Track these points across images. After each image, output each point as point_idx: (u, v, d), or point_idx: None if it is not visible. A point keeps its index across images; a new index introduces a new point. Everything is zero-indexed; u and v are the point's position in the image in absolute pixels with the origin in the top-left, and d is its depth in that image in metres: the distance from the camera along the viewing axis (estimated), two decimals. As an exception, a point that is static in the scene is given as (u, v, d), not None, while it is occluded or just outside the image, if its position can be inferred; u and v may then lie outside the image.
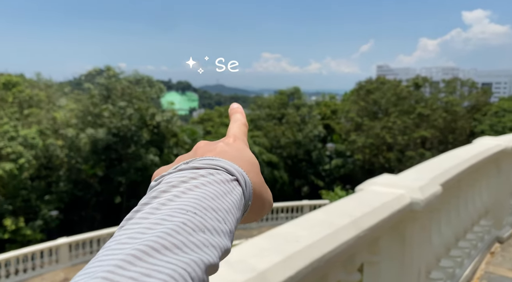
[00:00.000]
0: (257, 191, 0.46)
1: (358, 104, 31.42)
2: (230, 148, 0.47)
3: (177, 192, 0.37)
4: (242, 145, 0.50)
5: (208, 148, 0.47)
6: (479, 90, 33.51)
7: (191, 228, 0.33)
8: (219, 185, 0.39)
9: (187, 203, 0.35)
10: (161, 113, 26.28)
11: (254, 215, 0.48)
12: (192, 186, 0.38)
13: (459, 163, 3.09)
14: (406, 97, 30.62)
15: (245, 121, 0.56)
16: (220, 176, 0.40)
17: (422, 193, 2.15)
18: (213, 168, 0.41)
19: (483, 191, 3.95)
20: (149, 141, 25.52)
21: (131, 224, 0.34)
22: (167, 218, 0.33)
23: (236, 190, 0.40)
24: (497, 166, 4.21)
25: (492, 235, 4.08)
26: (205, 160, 0.42)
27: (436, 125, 29.23)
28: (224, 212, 0.37)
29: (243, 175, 0.43)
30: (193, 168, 0.41)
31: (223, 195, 0.38)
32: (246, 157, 0.47)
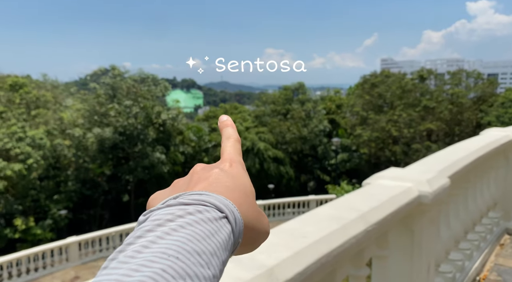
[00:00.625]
0: (249, 224, 0.44)
1: (363, 98, 31.26)
2: (224, 176, 0.46)
3: (161, 232, 0.35)
4: (239, 169, 0.48)
5: (203, 174, 0.46)
6: (485, 81, 33.14)
7: (171, 275, 0.31)
8: (206, 224, 0.37)
9: (170, 246, 0.33)
10: (166, 112, 26.37)
11: (246, 248, 0.46)
12: (177, 226, 0.36)
13: (467, 155, 3.06)
14: (411, 90, 30.40)
15: (237, 137, 0.54)
16: (209, 214, 0.38)
17: (430, 185, 2.14)
18: (202, 204, 0.39)
19: (491, 183, 3.92)
20: (155, 139, 25.63)
21: (111, 269, 0.32)
22: (147, 263, 0.32)
23: (224, 229, 0.38)
24: (505, 157, 4.17)
25: (501, 227, 4.06)
26: (194, 195, 0.40)
27: (442, 118, 29.01)
28: (208, 255, 0.35)
29: (233, 212, 0.40)
30: (181, 203, 0.39)
31: (209, 235, 0.36)
32: (240, 187, 0.46)
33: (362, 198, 1.95)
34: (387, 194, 1.96)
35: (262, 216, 0.47)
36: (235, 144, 0.52)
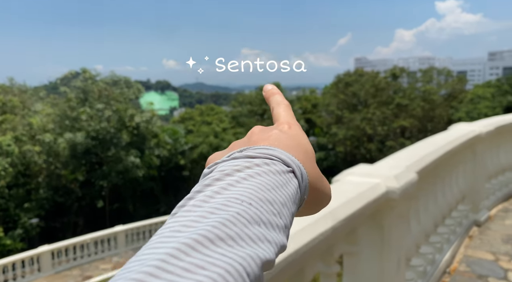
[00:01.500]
0: (313, 183, 0.43)
1: (337, 97, 31.68)
2: (285, 135, 0.45)
3: (231, 180, 0.35)
4: (298, 130, 0.47)
5: (262, 135, 0.44)
6: (455, 78, 34.22)
7: (246, 219, 0.31)
8: (275, 176, 0.36)
9: (242, 192, 0.33)
10: (140, 114, 25.94)
11: (310, 209, 0.46)
12: (247, 175, 0.35)
13: (435, 150, 3.11)
14: (384, 88, 31.02)
15: (287, 102, 0.53)
16: (276, 167, 0.38)
17: (397, 181, 2.15)
18: (269, 157, 0.38)
19: (460, 176, 4.01)
20: (129, 142, 25.16)
21: (184, 211, 0.32)
22: (222, 207, 0.31)
23: (292, 182, 0.38)
24: (472, 151, 4.28)
25: (470, 219, 4.16)
26: (260, 149, 0.40)
27: (415, 115, 29.73)
28: (279, 205, 0.34)
29: (299, 167, 0.40)
30: (247, 156, 0.39)
31: (278, 186, 0.36)
32: (302, 146, 0.45)
33: (332, 195, 1.94)
34: (355, 191, 1.95)
35: (324, 178, 0.46)
36: (287, 108, 0.52)
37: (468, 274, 3.24)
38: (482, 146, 4.37)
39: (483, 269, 3.28)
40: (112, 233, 15.72)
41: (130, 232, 16.33)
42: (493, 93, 28.98)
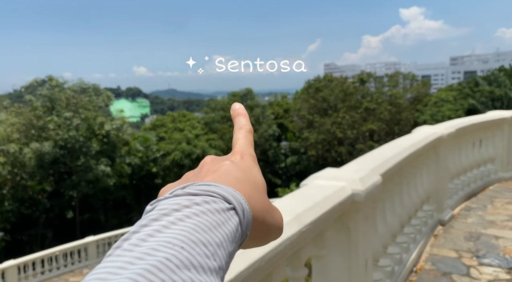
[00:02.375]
0: (259, 217, 0.42)
1: (308, 102, 32.14)
2: (235, 168, 0.44)
3: (167, 222, 0.34)
4: (250, 162, 0.47)
5: (213, 166, 0.44)
6: (419, 82, 35.42)
7: (175, 264, 0.30)
8: (213, 215, 0.36)
9: (175, 235, 0.32)
10: (110, 122, 25.41)
11: (257, 241, 0.45)
12: (184, 215, 0.34)
13: (399, 152, 3.23)
14: (353, 93, 31.75)
15: (250, 127, 0.53)
16: (216, 205, 0.37)
17: (362, 184, 2.22)
18: (210, 194, 0.38)
19: (424, 177, 4.16)
20: (99, 151, 24.57)
21: (115, 256, 0.31)
22: (151, 252, 0.31)
23: (231, 220, 0.37)
24: (435, 152, 4.45)
25: (434, 219, 4.31)
26: (202, 186, 0.39)
27: (383, 118, 30.55)
28: (214, 246, 0.33)
29: (241, 203, 0.39)
30: (188, 194, 0.38)
31: (216, 226, 0.35)
32: (250, 178, 0.44)
33: (297, 199, 1.98)
34: (321, 194, 2.00)
35: (274, 210, 0.46)
36: (247, 134, 0.51)
37: (434, 272, 3.36)
38: (444, 148, 4.56)
39: (447, 267, 3.41)
40: (82, 244, 15.27)
41: (101, 242, 15.91)
42: (455, 97, 30.18)
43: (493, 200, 5.19)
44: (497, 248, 3.74)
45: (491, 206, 4.96)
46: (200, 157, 28.26)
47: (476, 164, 5.72)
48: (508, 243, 3.83)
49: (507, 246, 3.77)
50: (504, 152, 6.20)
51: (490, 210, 4.81)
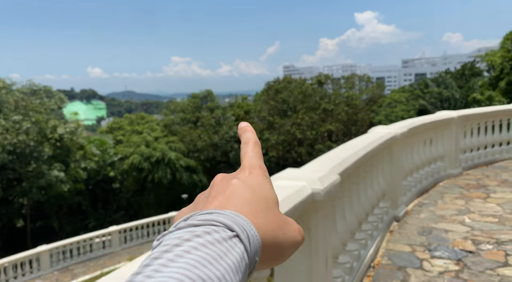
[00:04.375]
0: (269, 238, 0.40)
1: (268, 104, 32.46)
2: (242, 187, 0.43)
3: (165, 260, 0.32)
4: (259, 177, 0.46)
5: (221, 187, 0.44)
6: (374, 84, 36.81)
7: None
8: (214, 246, 0.34)
9: (173, 274, 0.31)
10: (63, 125, 24.35)
11: (271, 262, 0.42)
12: (183, 251, 0.33)
13: (356, 152, 3.33)
14: (311, 94, 32.44)
15: (257, 140, 0.52)
16: (217, 235, 0.35)
17: (321, 183, 2.27)
18: (212, 224, 0.36)
19: (380, 176, 4.32)
20: (52, 155, 23.46)
21: None
22: None
23: (234, 249, 0.35)
24: (389, 151, 4.64)
25: (390, 215, 4.49)
26: (204, 215, 0.38)
27: (340, 119, 31.44)
28: (215, 280, 0.31)
29: (245, 229, 0.37)
30: (190, 225, 0.36)
31: (217, 258, 0.33)
32: (259, 197, 0.43)
33: (259, 200, 1.99)
34: (282, 194, 2.03)
35: (287, 224, 0.43)
36: (255, 147, 0.51)
37: (390, 266, 3.50)
38: (398, 147, 4.76)
39: (402, 261, 3.57)
40: (34, 254, 14.51)
41: (55, 251, 15.19)
42: (407, 98, 31.62)
43: (443, 195, 5.48)
44: (447, 241, 3.95)
45: (441, 201, 5.23)
46: (159, 159, 27.71)
47: (427, 162, 6.01)
48: (456, 236, 4.06)
49: (455, 238, 3.99)
50: (452, 150, 6.56)
51: (441, 205, 5.08)
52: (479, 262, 3.42)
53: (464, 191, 5.63)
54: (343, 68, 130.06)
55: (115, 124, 33.96)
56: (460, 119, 6.63)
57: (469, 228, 4.24)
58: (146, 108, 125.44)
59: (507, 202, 5.05)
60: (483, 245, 3.78)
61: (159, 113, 46.54)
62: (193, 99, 34.54)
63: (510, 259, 3.42)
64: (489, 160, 7.32)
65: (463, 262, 3.45)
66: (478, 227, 4.25)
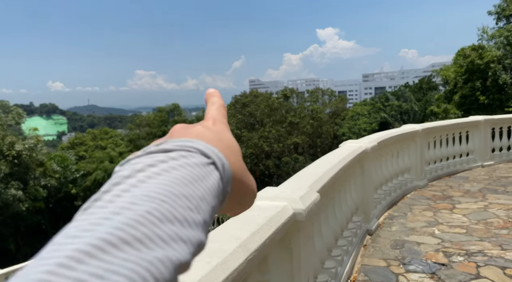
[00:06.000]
0: (237, 176, 0.41)
1: (236, 117, 32.48)
2: (209, 130, 0.43)
3: (143, 176, 0.31)
4: (223, 127, 0.45)
5: (185, 131, 0.42)
6: (337, 98, 37.76)
7: (157, 218, 0.28)
8: (192, 169, 0.33)
9: (154, 188, 0.30)
10: (21, 142, 23.21)
11: (235, 205, 0.43)
12: (161, 170, 0.32)
13: (331, 167, 3.34)
14: (278, 108, 32.83)
15: (223, 104, 0.51)
16: (194, 159, 0.34)
17: (303, 202, 2.23)
18: (187, 149, 0.35)
19: (352, 190, 4.36)
20: (9, 173, 22.23)
21: (87, 214, 0.28)
22: (129, 206, 0.28)
23: (212, 174, 0.35)
24: (360, 165, 4.70)
25: (363, 229, 4.52)
26: (177, 142, 0.36)
27: (306, 132, 31.94)
28: (197, 199, 0.31)
29: (221, 158, 0.37)
30: (164, 150, 0.35)
31: (196, 180, 0.33)
32: (226, 140, 0.43)
33: (240, 223, 1.92)
34: (264, 216, 1.97)
35: (249, 173, 0.44)
36: (220, 108, 0.50)
37: None
38: (369, 160, 4.83)
39: (378, 276, 3.57)
40: (-13, 281, 13.53)
41: (11, 275, 14.24)
42: (369, 111, 32.62)
43: (411, 207, 5.60)
44: (419, 254, 4.01)
45: (410, 213, 5.34)
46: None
47: (395, 174, 6.15)
48: (428, 248, 4.14)
49: (428, 251, 4.06)
50: (418, 162, 6.76)
51: (410, 217, 5.18)
52: (452, 275, 3.48)
53: (431, 202, 5.79)
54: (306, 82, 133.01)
55: (77, 139, 32.80)
56: (424, 132, 6.86)
57: (439, 240, 4.33)
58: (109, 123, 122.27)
59: (471, 212, 5.22)
60: (455, 256, 3.87)
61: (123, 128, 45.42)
62: (159, 113, 34.03)
63: (482, 271, 3.51)
64: (452, 171, 7.60)
65: (437, 275, 3.50)
66: (448, 239, 4.35)
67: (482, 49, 19.11)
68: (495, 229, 4.56)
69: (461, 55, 20.11)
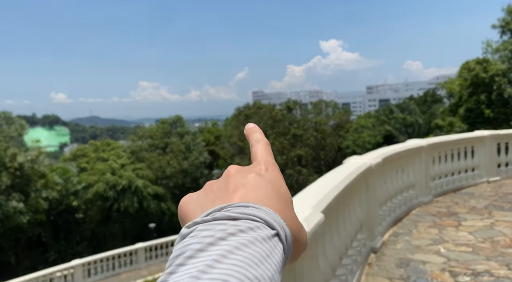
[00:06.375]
0: (294, 236, 0.40)
1: (239, 129, 32.48)
2: (263, 181, 0.42)
3: (216, 254, 0.32)
4: (276, 173, 0.46)
5: (240, 179, 0.42)
6: (341, 110, 37.77)
7: None
8: (261, 245, 0.33)
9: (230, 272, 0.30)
10: (24, 153, 23.27)
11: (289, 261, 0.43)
12: (233, 247, 0.32)
13: (336, 186, 3.29)
14: (281, 120, 32.85)
15: (267, 140, 0.52)
16: (261, 232, 0.35)
17: (307, 224, 2.19)
18: (251, 219, 0.36)
19: (357, 207, 4.30)
20: (11, 185, 22.24)
21: None
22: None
23: (277, 249, 0.35)
24: (365, 182, 4.65)
25: (367, 247, 4.45)
26: (241, 208, 0.37)
27: (309, 144, 31.87)
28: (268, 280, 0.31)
29: (284, 228, 0.37)
30: (228, 217, 0.36)
31: (266, 257, 0.33)
32: (281, 193, 0.42)
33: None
34: (268, 239, 1.93)
35: (302, 226, 0.44)
36: (266, 146, 0.51)
37: (372, 302, 3.42)
38: (373, 177, 4.79)
39: (384, 296, 3.50)
40: (-13, 294, 13.43)
41: (11, 290, 14.14)
42: (373, 123, 32.58)
43: (416, 224, 5.53)
44: (425, 273, 3.93)
45: (415, 230, 5.27)
46: (126, 187, 26.86)
47: (400, 190, 6.09)
48: (434, 267, 4.06)
49: (433, 270, 3.99)
50: (422, 178, 6.69)
51: (415, 234, 5.11)
52: (459, 295, 3.41)
53: (437, 219, 5.71)
54: (310, 94, 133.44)
55: (79, 151, 32.85)
56: (429, 148, 6.81)
57: (445, 259, 4.26)
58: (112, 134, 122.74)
59: (478, 230, 5.14)
60: (461, 276, 3.79)
61: (125, 139, 45.53)
62: (162, 125, 34.08)
63: (490, 292, 3.43)
64: (457, 187, 7.53)
65: (444, 296, 3.42)
66: (453, 258, 4.27)
67: (486, 62, 19.17)
68: (502, 248, 4.48)
69: (465, 68, 20.17)
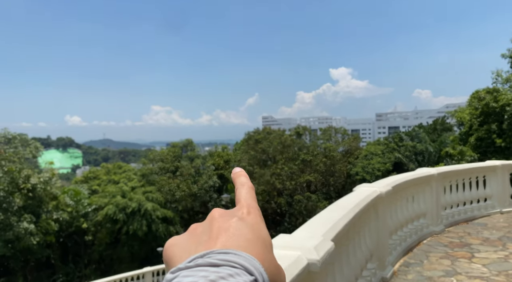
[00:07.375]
0: (272, 280, 0.43)
1: (248, 154, 32.60)
2: (244, 227, 0.46)
3: None
4: (257, 218, 0.48)
5: (223, 223, 0.46)
6: (350, 136, 37.73)
7: None
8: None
9: None
10: (37, 175, 23.57)
11: None
12: None
13: (346, 214, 3.32)
14: (290, 145, 32.90)
15: (251, 185, 0.55)
16: (240, 278, 0.37)
17: (317, 252, 2.23)
18: (232, 265, 0.39)
19: (367, 236, 4.29)
20: (23, 206, 22.44)
21: None
22: None
23: None
24: (375, 210, 4.65)
25: (377, 277, 4.41)
26: (222, 255, 0.40)
27: (318, 170, 31.71)
28: None
29: (262, 274, 0.40)
30: (210, 264, 0.39)
31: None
32: (261, 239, 0.45)
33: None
34: (279, 267, 1.97)
35: (281, 269, 0.46)
36: (250, 190, 0.54)
37: None
38: (383, 205, 4.79)
39: (395, 328, 3.44)
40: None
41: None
42: (383, 150, 32.41)
43: (428, 254, 5.45)
44: (437, 305, 3.87)
45: (427, 261, 5.20)
46: (135, 210, 26.88)
47: (411, 219, 6.04)
48: (446, 299, 3.99)
49: (446, 302, 3.92)
50: (433, 207, 6.64)
51: (427, 265, 5.04)
52: (472, 329, 3.34)
53: (449, 250, 5.63)
54: (319, 120, 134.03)
55: (91, 173, 33.14)
56: (440, 176, 6.79)
57: (457, 291, 4.19)
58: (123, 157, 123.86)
59: (492, 262, 5.06)
60: (474, 309, 3.72)
61: (137, 162, 45.90)
62: (172, 149, 34.38)
63: (503, 326, 3.36)
64: (469, 217, 7.43)
65: (456, 329, 3.36)
66: (466, 289, 4.20)
67: (497, 92, 19.17)
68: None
69: (475, 97, 20.17)
